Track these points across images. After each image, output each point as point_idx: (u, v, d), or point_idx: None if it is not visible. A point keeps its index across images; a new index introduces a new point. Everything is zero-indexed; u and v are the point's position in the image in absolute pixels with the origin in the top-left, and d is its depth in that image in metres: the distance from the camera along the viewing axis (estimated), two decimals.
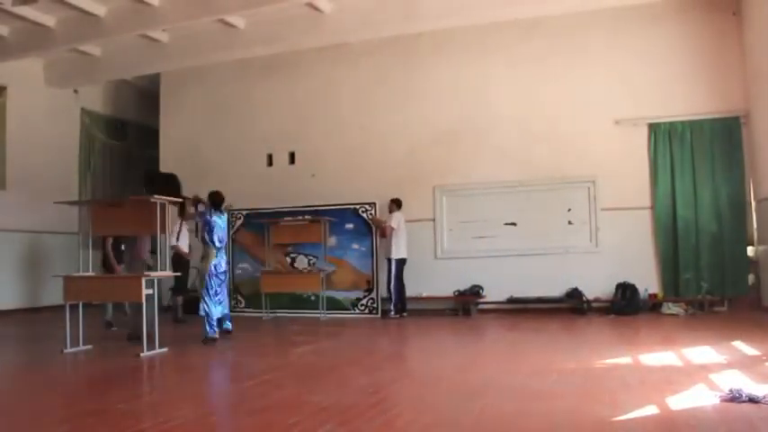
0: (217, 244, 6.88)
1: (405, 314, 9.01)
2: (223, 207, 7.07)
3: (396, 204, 9.26)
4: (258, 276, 9.52)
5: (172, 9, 8.70)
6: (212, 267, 6.83)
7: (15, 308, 10.17)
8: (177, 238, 8.63)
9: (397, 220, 9.17)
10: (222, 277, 6.97)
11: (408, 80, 10.17)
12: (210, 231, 6.86)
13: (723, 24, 8.95)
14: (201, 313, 6.77)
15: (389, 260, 9.11)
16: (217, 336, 6.72)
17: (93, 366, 5.63)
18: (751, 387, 3.71)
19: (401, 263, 9.11)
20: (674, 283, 8.83)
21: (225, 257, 7.08)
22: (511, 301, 9.22)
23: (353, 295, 9.36)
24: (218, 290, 6.87)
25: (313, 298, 9.39)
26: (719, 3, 9.00)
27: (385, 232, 9.18)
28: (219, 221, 6.97)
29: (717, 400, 3.57)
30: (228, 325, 7.10)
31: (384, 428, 3.28)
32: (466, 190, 9.75)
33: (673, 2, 9.06)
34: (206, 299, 6.78)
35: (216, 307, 6.80)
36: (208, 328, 6.69)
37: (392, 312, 9.00)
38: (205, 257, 6.95)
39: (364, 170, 10.10)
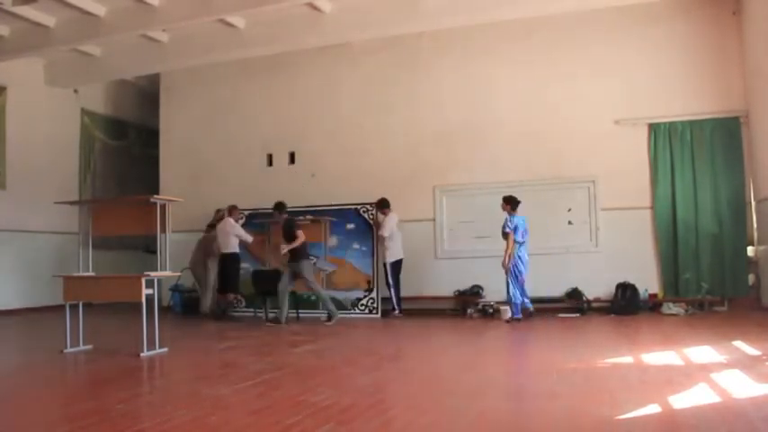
0: (519, 239, 8.09)
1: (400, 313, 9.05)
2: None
3: (387, 206, 9.17)
4: None
5: (172, 9, 8.71)
6: (517, 257, 8.08)
7: (15, 308, 10.17)
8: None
9: (392, 222, 9.10)
10: (525, 266, 8.13)
11: (409, 80, 10.16)
12: (515, 230, 8.06)
13: (723, 24, 8.95)
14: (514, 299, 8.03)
15: (386, 264, 9.05)
16: (521, 317, 7.95)
17: (93, 366, 5.62)
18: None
19: (399, 263, 9.12)
20: (674, 283, 8.83)
21: (526, 251, 8.20)
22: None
23: (354, 295, 9.34)
24: (523, 278, 8.07)
25: (313, 298, 9.38)
26: (719, 2, 8.99)
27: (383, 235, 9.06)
28: (520, 221, 8.15)
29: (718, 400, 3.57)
30: (530, 305, 8.21)
31: (383, 428, 3.28)
32: (466, 190, 9.75)
33: (673, 1, 9.06)
34: (512, 284, 8.03)
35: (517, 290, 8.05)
36: (514, 310, 7.98)
37: (397, 311, 8.99)
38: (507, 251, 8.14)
39: (364, 170, 10.09)
